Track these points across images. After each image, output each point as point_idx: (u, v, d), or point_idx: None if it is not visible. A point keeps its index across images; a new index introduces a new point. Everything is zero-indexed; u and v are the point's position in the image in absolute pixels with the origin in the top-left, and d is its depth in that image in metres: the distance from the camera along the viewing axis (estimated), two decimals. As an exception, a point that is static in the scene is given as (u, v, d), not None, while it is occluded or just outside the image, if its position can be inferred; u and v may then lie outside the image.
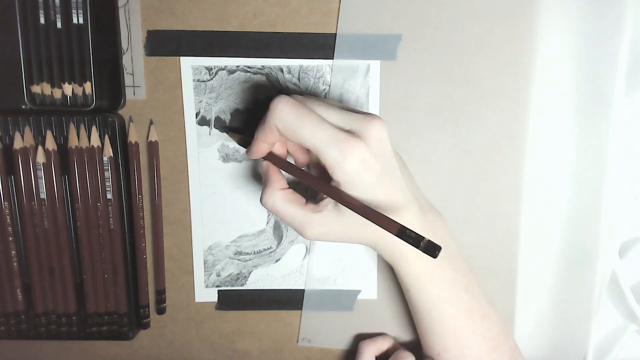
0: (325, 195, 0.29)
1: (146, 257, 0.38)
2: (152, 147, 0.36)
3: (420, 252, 0.24)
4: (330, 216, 0.28)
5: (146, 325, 0.39)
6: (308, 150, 0.31)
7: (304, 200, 0.30)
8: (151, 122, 0.36)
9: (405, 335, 0.39)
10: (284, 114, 0.27)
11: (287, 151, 0.32)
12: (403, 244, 0.27)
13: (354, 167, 0.26)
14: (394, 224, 0.25)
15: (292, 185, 0.31)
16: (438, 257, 0.29)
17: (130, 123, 0.36)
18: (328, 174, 0.27)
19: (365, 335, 0.39)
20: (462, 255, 0.33)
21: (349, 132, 0.27)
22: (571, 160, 0.37)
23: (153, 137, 0.36)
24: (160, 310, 0.39)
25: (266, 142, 0.29)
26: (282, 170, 0.31)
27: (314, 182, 0.28)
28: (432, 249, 0.24)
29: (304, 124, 0.26)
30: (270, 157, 0.31)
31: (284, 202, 0.29)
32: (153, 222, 0.37)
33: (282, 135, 0.28)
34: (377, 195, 0.27)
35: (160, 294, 0.38)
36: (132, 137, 0.36)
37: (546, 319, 0.39)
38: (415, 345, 0.39)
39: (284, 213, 0.29)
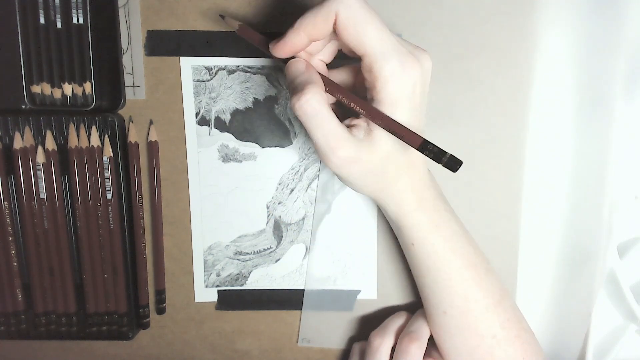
0: (355, 123, 0.27)
1: (146, 257, 0.38)
2: (152, 147, 0.36)
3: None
4: (362, 144, 0.27)
5: (146, 325, 0.39)
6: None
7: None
8: (151, 122, 0.36)
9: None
10: (354, 3, 0.24)
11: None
12: (408, 197, 0.29)
13: (408, 86, 0.25)
14: (418, 137, 0.25)
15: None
16: (441, 210, 0.30)
17: (130, 123, 0.36)
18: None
19: (363, 336, 0.39)
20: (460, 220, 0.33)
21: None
22: (571, 160, 0.37)
23: (153, 137, 0.36)
24: (160, 310, 0.39)
25: (308, 33, 0.25)
26: None
27: (358, 101, 0.26)
28: (453, 163, 0.24)
29: (374, 22, 0.24)
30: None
31: (328, 109, 0.25)
32: (153, 222, 0.37)
33: (340, 28, 0.25)
34: (410, 123, 0.26)
35: (160, 294, 0.38)
36: (132, 137, 0.36)
37: (546, 319, 0.39)
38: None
39: (324, 122, 0.25)
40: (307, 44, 0.26)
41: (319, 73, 0.27)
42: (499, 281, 0.33)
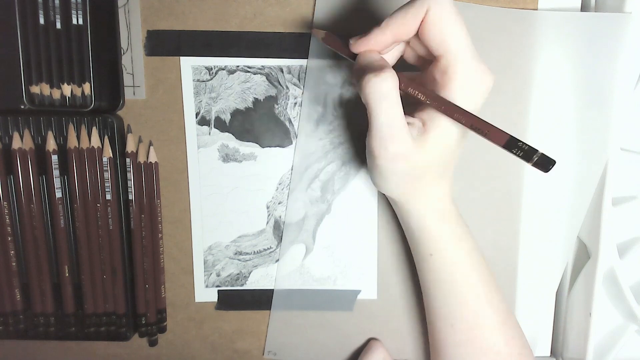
0: (410, 122, 0.27)
1: (145, 257, 0.37)
2: (151, 168, 0.36)
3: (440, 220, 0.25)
4: (414, 143, 0.27)
5: (153, 343, 0.39)
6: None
7: None
8: (150, 144, 0.36)
9: (405, 335, 0.39)
10: (446, 2, 0.25)
11: None
12: (441, 206, 0.29)
13: (479, 92, 0.26)
14: (503, 134, 0.24)
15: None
16: (462, 224, 0.30)
17: (129, 134, 0.36)
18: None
19: (363, 335, 0.39)
20: None
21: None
22: (571, 159, 0.37)
23: (152, 158, 0.36)
24: (161, 330, 0.39)
25: (396, 33, 0.26)
26: None
27: (433, 95, 0.26)
28: (545, 162, 0.22)
29: (461, 25, 0.25)
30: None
31: (398, 94, 0.25)
32: (152, 222, 0.37)
33: (426, 25, 0.25)
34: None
35: (161, 313, 0.38)
36: (130, 147, 0.36)
37: (546, 319, 0.39)
38: (417, 345, 0.39)
39: (393, 106, 0.25)
40: (389, 43, 0.27)
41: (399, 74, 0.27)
42: (505, 299, 0.33)
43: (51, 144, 0.35)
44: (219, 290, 0.39)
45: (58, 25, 0.33)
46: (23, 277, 0.37)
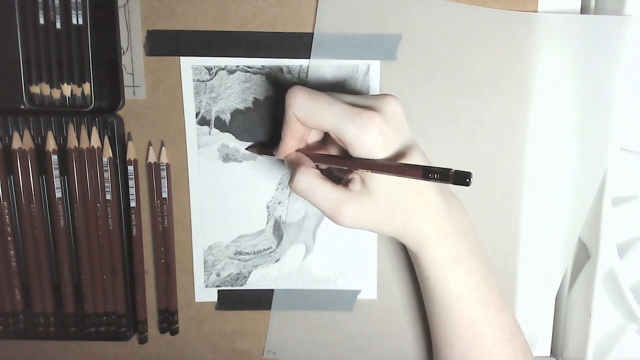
0: (350, 177, 0.29)
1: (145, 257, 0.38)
2: (160, 169, 0.37)
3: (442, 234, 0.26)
4: (362, 196, 0.28)
5: (144, 341, 0.39)
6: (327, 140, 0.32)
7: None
8: (150, 144, 0.36)
9: (405, 335, 0.39)
10: (299, 100, 0.28)
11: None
12: (426, 232, 0.29)
13: (374, 140, 0.27)
14: (417, 169, 0.25)
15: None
16: (461, 246, 0.30)
17: (129, 142, 0.36)
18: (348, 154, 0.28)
19: (360, 339, 0.39)
20: (481, 245, 0.33)
21: (365, 107, 0.27)
22: (571, 159, 0.37)
23: (152, 158, 0.36)
24: (174, 332, 0.39)
25: (292, 137, 0.30)
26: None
27: (342, 161, 0.28)
28: (462, 177, 0.23)
29: (320, 105, 0.27)
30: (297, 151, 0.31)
31: (319, 180, 0.28)
32: (152, 222, 0.37)
33: (302, 123, 0.28)
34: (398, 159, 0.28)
35: (173, 314, 0.38)
36: (131, 154, 0.36)
37: (546, 319, 0.39)
38: (417, 346, 0.39)
39: (319, 191, 0.28)
40: (297, 143, 0.30)
41: (306, 151, 0.31)
42: (513, 317, 0.33)
43: (51, 144, 0.35)
44: (219, 290, 0.39)
45: (58, 25, 0.33)
46: (23, 277, 0.37)
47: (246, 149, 0.37)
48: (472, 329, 0.32)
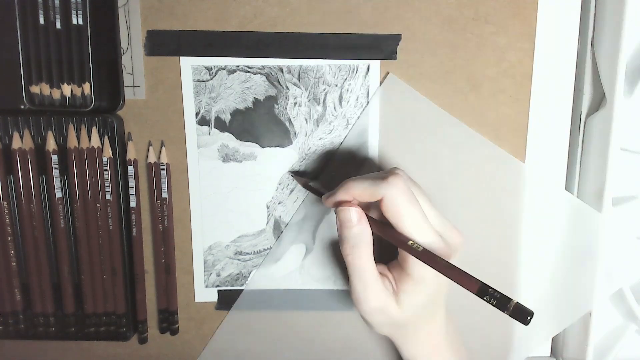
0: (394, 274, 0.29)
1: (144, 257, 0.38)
2: (158, 169, 0.36)
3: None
4: (391, 298, 0.29)
5: (143, 341, 0.39)
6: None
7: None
8: (150, 144, 0.36)
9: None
10: (400, 194, 0.26)
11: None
12: (421, 348, 0.30)
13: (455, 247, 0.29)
14: (476, 282, 0.23)
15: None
16: (447, 358, 0.31)
17: (129, 142, 0.36)
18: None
19: (363, 339, 0.39)
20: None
21: (443, 239, 0.28)
22: (571, 159, 0.37)
23: (152, 158, 0.36)
24: (174, 332, 0.39)
25: (356, 198, 0.28)
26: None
27: (404, 246, 0.27)
28: (521, 313, 0.20)
29: (412, 215, 0.27)
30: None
31: (373, 264, 0.28)
32: (152, 222, 0.37)
33: (383, 207, 0.27)
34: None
35: (173, 315, 0.38)
36: (131, 154, 0.36)
37: (546, 319, 0.39)
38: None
39: (368, 276, 0.28)
40: (354, 201, 0.29)
41: (368, 216, 0.29)
42: None
43: (51, 144, 0.35)
44: (219, 290, 0.39)
45: (58, 25, 0.33)
46: (23, 277, 0.37)
47: (292, 174, 0.36)
48: None
